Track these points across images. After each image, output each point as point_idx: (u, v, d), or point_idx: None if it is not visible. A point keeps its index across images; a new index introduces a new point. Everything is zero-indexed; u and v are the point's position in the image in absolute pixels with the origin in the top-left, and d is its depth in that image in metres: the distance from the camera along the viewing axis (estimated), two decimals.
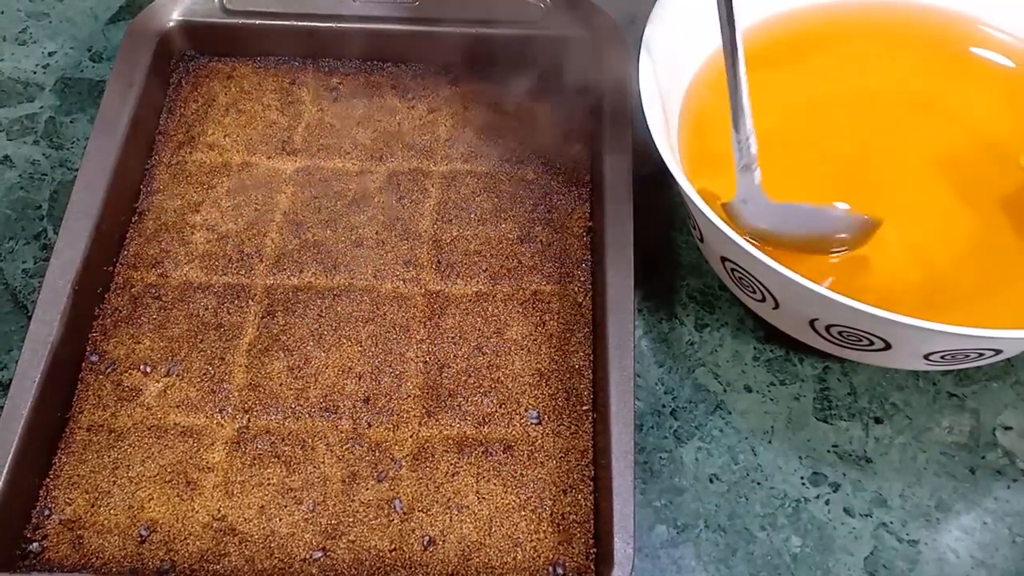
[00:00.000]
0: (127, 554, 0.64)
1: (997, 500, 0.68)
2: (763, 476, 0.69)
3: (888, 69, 0.78)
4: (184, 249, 0.75)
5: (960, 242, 0.70)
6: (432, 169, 0.79)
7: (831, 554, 0.66)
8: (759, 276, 0.64)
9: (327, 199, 0.78)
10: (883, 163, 0.73)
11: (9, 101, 0.86)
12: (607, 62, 0.80)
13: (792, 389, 0.72)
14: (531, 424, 0.68)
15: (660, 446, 0.70)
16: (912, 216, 0.71)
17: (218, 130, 0.81)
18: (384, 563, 0.63)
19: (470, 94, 0.83)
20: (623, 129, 0.76)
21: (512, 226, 0.76)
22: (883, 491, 0.68)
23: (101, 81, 0.87)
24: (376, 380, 0.70)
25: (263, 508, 0.65)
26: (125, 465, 0.66)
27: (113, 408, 0.69)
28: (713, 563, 0.66)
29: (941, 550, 0.66)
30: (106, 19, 0.92)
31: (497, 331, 0.72)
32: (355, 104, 0.83)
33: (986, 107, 0.76)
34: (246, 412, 0.68)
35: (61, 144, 0.84)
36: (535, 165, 0.79)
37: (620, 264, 0.70)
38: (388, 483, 0.66)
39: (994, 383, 0.72)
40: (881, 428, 0.70)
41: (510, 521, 0.65)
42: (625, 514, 0.62)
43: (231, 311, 0.72)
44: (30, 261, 0.77)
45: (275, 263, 0.75)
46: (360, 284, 0.74)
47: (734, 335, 0.74)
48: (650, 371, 0.73)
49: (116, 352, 0.71)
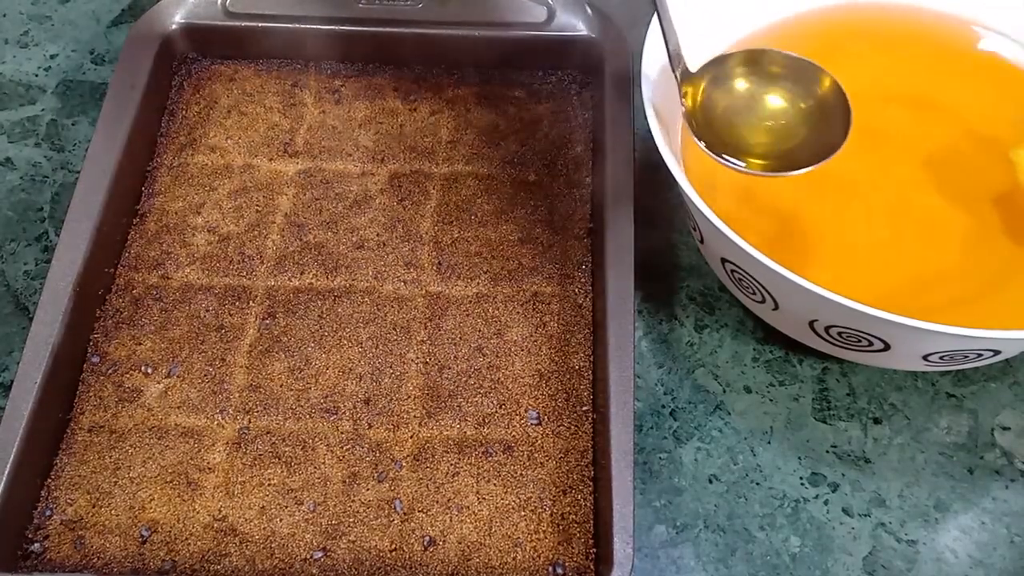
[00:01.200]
0: (128, 554, 0.64)
1: (995, 500, 0.68)
2: (762, 476, 0.69)
3: (882, 72, 0.78)
4: (185, 251, 0.75)
5: (959, 242, 0.70)
6: (433, 171, 0.80)
7: (830, 554, 0.66)
8: (759, 277, 0.64)
9: (328, 201, 0.78)
10: (882, 163, 0.73)
11: (11, 103, 0.86)
12: (609, 64, 0.80)
13: (791, 390, 0.72)
14: (531, 425, 0.68)
15: (660, 446, 0.70)
16: (911, 217, 0.71)
17: (220, 132, 0.81)
18: (384, 563, 0.64)
19: (472, 96, 0.84)
20: (624, 131, 0.76)
21: (513, 228, 0.76)
22: (882, 491, 0.68)
23: (103, 84, 0.88)
24: (377, 381, 0.70)
25: (264, 508, 0.65)
26: (126, 466, 0.67)
27: (114, 409, 0.69)
28: (712, 563, 0.66)
29: (939, 550, 0.66)
30: (108, 22, 0.92)
31: (497, 332, 0.72)
32: (357, 106, 0.83)
33: (985, 106, 0.76)
34: (247, 413, 0.69)
35: (63, 146, 0.84)
36: (536, 167, 0.79)
37: (620, 266, 0.70)
38: (388, 483, 0.66)
39: (992, 384, 0.72)
40: (880, 428, 0.70)
41: (510, 521, 0.65)
42: (625, 514, 0.62)
43: (232, 312, 0.73)
44: (31, 263, 0.78)
45: (276, 265, 0.75)
46: (361, 285, 0.74)
47: (734, 336, 0.74)
48: (650, 372, 0.73)
49: (117, 353, 0.71)
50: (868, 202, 0.72)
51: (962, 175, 0.72)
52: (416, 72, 0.85)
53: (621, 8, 0.88)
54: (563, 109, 0.83)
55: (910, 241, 0.70)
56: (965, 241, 0.70)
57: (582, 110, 0.82)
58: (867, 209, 0.71)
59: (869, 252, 0.70)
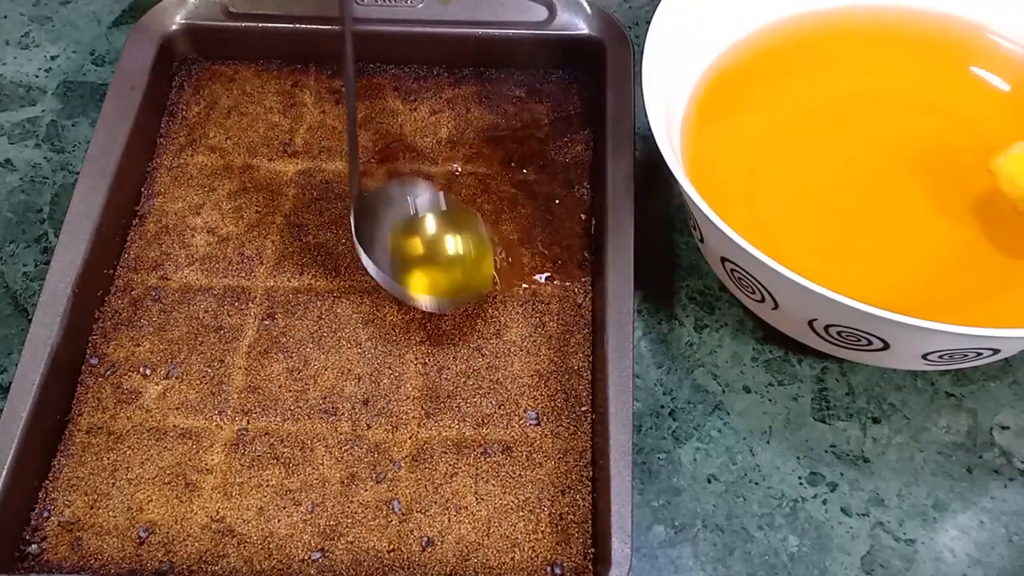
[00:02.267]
0: (126, 556, 0.64)
1: (994, 499, 0.68)
2: (761, 476, 0.69)
3: (884, 75, 0.78)
4: (185, 252, 0.75)
5: (960, 244, 0.70)
6: (433, 171, 0.79)
7: (828, 553, 0.66)
8: (759, 276, 0.64)
9: (328, 201, 0.78)
10: (881, 165, 0.73)
11: (11, 105, 0.86)
12: (610, 63, 0.80)
13: (790, 389, 0.72)
14: (530, 425, 0.68)
15: (658, 446, 0.70)
16: (910, 217, 0.71)
17: (220, 133, 0.81)
18: (383, 564, 0.64)
19: (472, 96, 0.84)
20: (625, 130, 0.76)
21: (512, 227, 0.76)
22: (880, 491, 0.68)
23: (103, 85, 0.88)
24: (375, 382, 0.70)
25: (262, 509, 0.65)
26: (124, 467, 0.67)
27: (113, 410, 0.69)
28: (711, 563, 0.66)
29: (938, 549, 0.66)
30: (109, 23, 0.92)
31: (496, 332, 0.72)
32: (357, 106, 0.83)
33: (984, 110, 0.76)
34: (245, 414, 0.69)
35: (62, 148, 0.84)
36: (536, 167, 0.79)
37: (620, 265, 0.70)
38: (387, 484, 0.66)
39: (991, 383, 0.72)
40: (879, 428, 0.70)
41: (508, 521, 0.65)
42: (623, 514, 0.62)
43: (231, 313, 0.73)
44: (31, 264, 0.78)
45: (276, 265, 0.75)
46: (360, 286, 0.74)
47: (733, 336, 0.74)
48: (649, 372, 0.73)
49: (116, 355, 0.71)
50: (868, 202, 0.72)
51: (962, 177, 0.72)
52: (416, 72, 0.85)
53: (622, 7, 0.88)
54: (563, 109, 0.82)
55: (910, 241, 0.70)
56: (965, 242, 0.70)
57: (582, 110, 0.82)
58: (867, 209, 0.71)
59: (869, 252, 0.70)
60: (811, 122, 0.76)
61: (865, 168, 0.73)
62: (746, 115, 0.76)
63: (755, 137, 0.75)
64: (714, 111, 0.75)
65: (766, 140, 0.75)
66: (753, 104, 0.76)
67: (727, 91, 0.76)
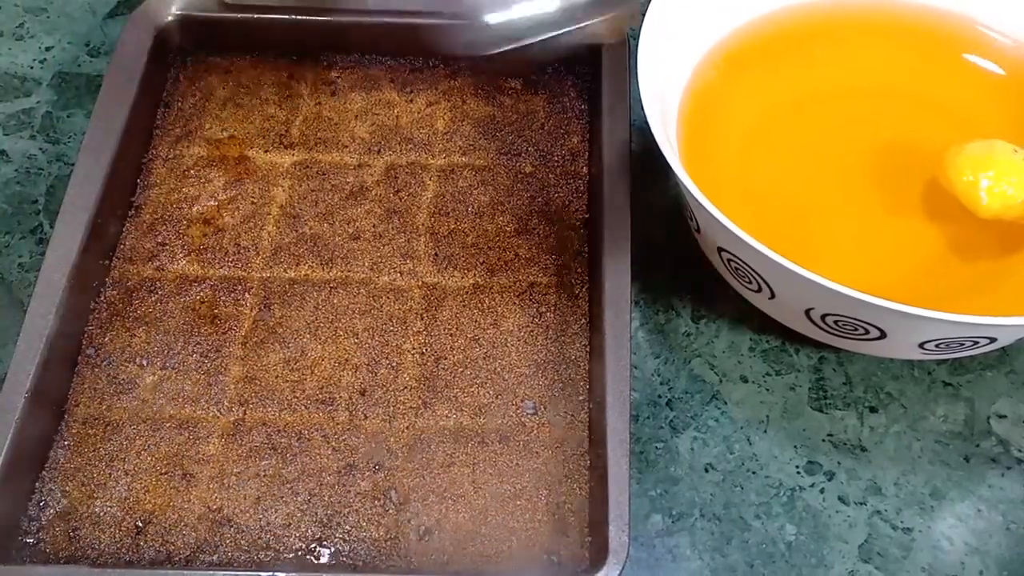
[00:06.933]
0: (122, 546, 0.64)
1: (991, 488, 0.68)
2: (758, 465, 0.69)
3: (877, 65, 0.78)
4: (180, 243, 0.75)
5: (957, 233, 0.70)
6: (430, 162, 0.79)
7: (825, 542, 0.66)
8: (755, 266, 0.64)
9: (324, 192, 0.78)
10: (878, 155, 0.73)
11: (6, 96, 0.86)
12: (606, 54, 0.80)
13: (788, 379, 0.72)
14: (527, 414, 0.68)
15: (656, 436, 0.70)
16: (907, 207, 0.71)
17: (215, 124, 0.81)
18: (380, 553, 0.64)
19: (468, 87, 0.83)
20: (621, 121, 0.76)
21: (509, 219, 0.76)
22: (878, 479, 0.68)
23: (98, 76, 0.87)
24: (373, 372, 0.70)
25: (259, 499, 0.65)
26: (120, 457, 0.67)
27: (109, 401, 0.69)
28: (708, 552, 0.66)
29: (935, 537, 0.66)
30: (104, 14, 0.92)
31: (494, 323, 0.72)
32: (353, 98, 0.83)
33: (979, 97, 0.76)
34: (242, 404, 0.69)
35: (58, 139, 0.84)
36: (532, 158, 0.79)
37: (617, 256, 0.70)
38: (384, 474, 0.66)
39: (988, 372, 0.72)
40: (876, 417, 0.70)
41: (505, 511, 0.65)
42: (620, 503, 0.62)
43: (227, 304, 0.72)
44: (26, 255, 0.78)
45: (272, 256, 0.75)
46: (357, 277, 0.74)
47: (730, 326, 0.74)
48: (647, 362, 0.73)
49: (112, 345, 0.71)
50: (864, 192, 0.72)
51: None
52: (412, 63, 0.85)
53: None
54: (559, 100, 0.82)
55: (907, 230, 0.70)
56: (963, 231, 0.70)
57: (579, 101, 0.82)
58: (863, 199, 0.71)
59: (865, 241, 0.70)
60: (807, 112, 0.76)
61: (861, 157, 0.73)
62: (742, 106, 0.76)
63: (751, 128, 0.75)
64: (710, 102, 0.75)
65: (761, 131, 0.75)
66: (749, 94, 0.76)
67: (722, 82, 0.76)
